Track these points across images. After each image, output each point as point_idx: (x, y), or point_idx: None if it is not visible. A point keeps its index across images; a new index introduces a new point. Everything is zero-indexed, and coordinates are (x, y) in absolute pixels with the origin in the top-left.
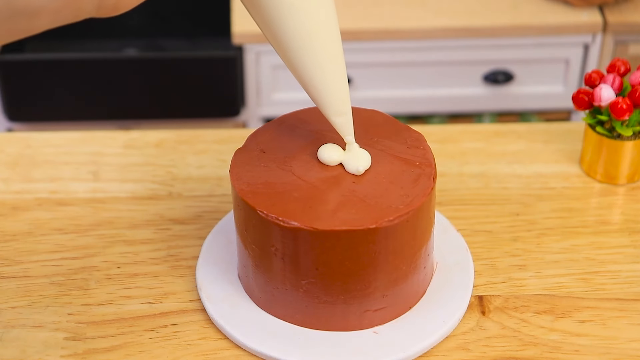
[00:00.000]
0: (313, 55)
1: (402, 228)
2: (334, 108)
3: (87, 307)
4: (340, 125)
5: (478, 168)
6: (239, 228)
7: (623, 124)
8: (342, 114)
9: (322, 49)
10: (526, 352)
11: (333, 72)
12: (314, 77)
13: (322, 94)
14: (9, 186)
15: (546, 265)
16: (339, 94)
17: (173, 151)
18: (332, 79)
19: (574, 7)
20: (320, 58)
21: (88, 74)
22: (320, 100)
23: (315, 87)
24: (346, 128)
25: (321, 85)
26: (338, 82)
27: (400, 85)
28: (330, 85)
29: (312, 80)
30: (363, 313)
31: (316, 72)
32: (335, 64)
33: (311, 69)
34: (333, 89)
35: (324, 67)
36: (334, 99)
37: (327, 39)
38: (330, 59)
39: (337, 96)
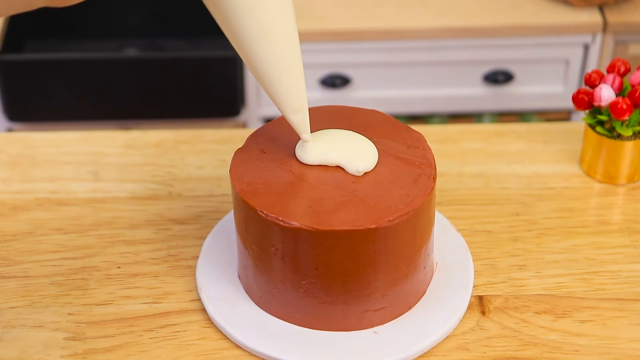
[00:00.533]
0: (270, 54)
1: (402, 228)
2: (291, 105)
3: (87, 307)
4: (297, 123)
5: (478, 168)
6: (239, 228)
7: (623, 124)
8: (298, 112)
9: (278, 49)
10: (526, 352)
11: (289, 70)
12: (271, 76)
13: (279, 92)
14: (9, 186)
15: (546, 265)
16: (295, 90)
17: (173, 151)
18: (288, 75)
19: (574, 7)
20: (277, 57)
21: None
22: (277, 98)
23: (273, 86)
24: (302, 126)
25: (277, 81)
26: (294, 78)
27: (400, 85)
28: (286, 82)
29: (269, 79)
30: (363, 313)
31: (273, 71)
32: (291, 63)
33: (268, 68)
34: (289, 85)
35: (280, 66)
36: (290, 97)
37: (282, 33)
38: (287, 55)
39: (293, 93)
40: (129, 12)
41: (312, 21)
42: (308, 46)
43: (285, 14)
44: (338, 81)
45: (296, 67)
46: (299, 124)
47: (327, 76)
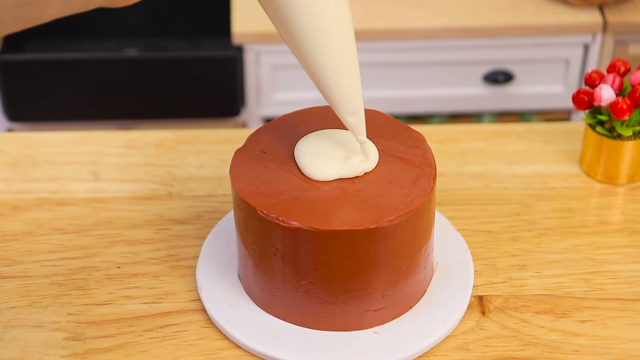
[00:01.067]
0: (327, 54)
1: (402, 228)
2: (347, 107)
3: (87, 307)
4: (353, 125)
5: (478, 168)
6: (239, 228)
7: (623, 124)
8: (354, 113)
9: (335, 49)
10: (526, 352)
11: (346, 71)
12: (327, 76)
13: (335, 93)
14: (9, 186)
15: (546, 265)
16: (352, 93)
17: (173, 151)
18: (345, 78)
19: (574, 7)
20: (334, 57)
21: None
22: (333, 99)
23: (329, 87)
24: (358, 127)
25: (334, 84)
26: (351, 81)
27: (400, 85)
28: (343, 85)
29: (325, 80)
30: (363, 313)
31: (329, 71)
32: (348, 64)
33: (324, 68)
34: (346, 88)
35: (337, 66)
36: (346, 98)
37: (340, 38)
38: (344, 59)
39: (349, 95)
40: (129, 12)
41: None
42: None
43: (344, 19)
44: None
45: (353, 70)
46: (355, 125)
47: None
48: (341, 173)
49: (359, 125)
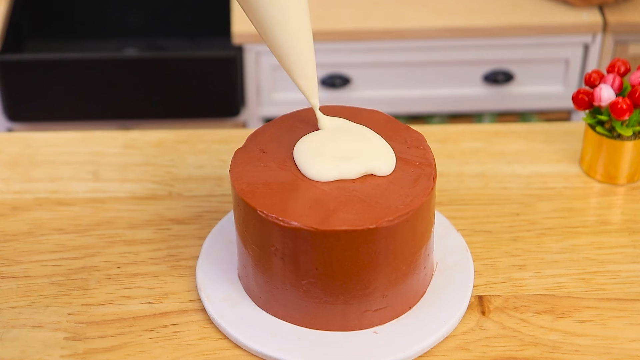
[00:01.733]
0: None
1: (402, 228)
2: (299, 71)
3: (87, 307)
4: (305, 88)
5: (478, 168)
6: (239, 228)
7: (623, 124)
8: (305, 77)
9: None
10: (526, 352)
11: (298, 37)
12: (282, 42)
13: (290, 59)
14: (9, 186)
15: (546, 265)
16: (304, 58)
17: (173, 151)
18: (298, 44)
19: (574, 7)
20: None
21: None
22: (288, 65)
23: (286, 54)
24: (310, 90)
25: (290, 51)
26: (303, 47)
27: (400, 85)
28: (297, 52)
29: (282, 48)
30: (363, 313)
31: (284, 37)
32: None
33: (279, 34)
34: (300, 54)
35: (291, 33)
36: (300, 63)
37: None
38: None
39: (303, 60)
40: (129, 12)
41: (312, 21)
42: None
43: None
44: (338, 81)
45: (306, 36)
46: (306, 88)
47: (327, 76)
48: (342, 174)
49: (312, 88)
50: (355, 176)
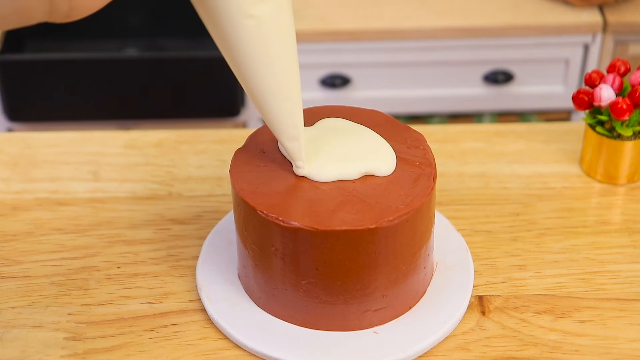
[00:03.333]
0: (267, 81)
1: (402, 228)
2: (286, 133)
3: (87, 307)
4: (292, 150)
5: (478, 168)
6: (239, 228)
7: (623, 124)
8: (293, 139)
9: (276, 76)
10: (526, 352)
11: (287, 98)
12: (268, 102)
13: (275, 118)
14: (9, 186)
15: (546, 265)
16: (292, 119)
17: (173, 151)
18: (285, 105)
19: (574, 7)
20: (275, 85)
21: (88, 74)
22: (273, 125)
23: (269, 112)
24: (297, 153)
25: (275, 110)
26: (291, 108)
27: (400, 85)
28: (283, 112)
29: (266, 105)
30: (363, 313)
31: (270, 98)
32: (288, 91)
33: (266, 95)
34: (286, 115)
35: (278, 94)
36: (286, 124)
37: (282, 66)
38: (285, 86)
39: (289, 122)
40: (129, 12)
41: (312, 21)
42: (308, 46)
43: (286, 42)
44: (338, 81)
45: (294, 96)
46: (293, 151)
47: (327, 76)
48: (343, 174)
49: (298, 151)
50: (356, 176)
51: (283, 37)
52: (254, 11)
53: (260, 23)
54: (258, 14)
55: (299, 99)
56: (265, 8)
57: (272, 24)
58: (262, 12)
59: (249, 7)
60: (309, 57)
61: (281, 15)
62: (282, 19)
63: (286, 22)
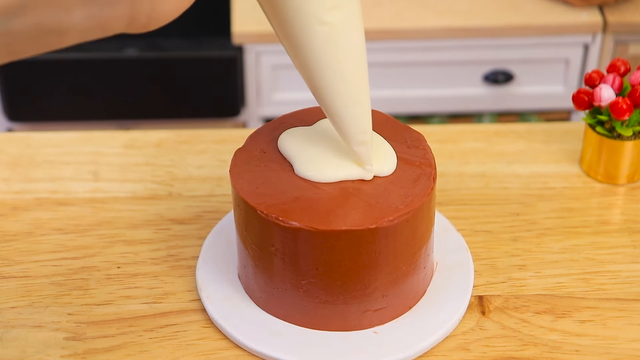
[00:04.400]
0: (338, 87)
1: (402, 228)
2: (356, 138)
3: (87, 307)
4: (361, 155)
5: (478, 168)
6: (239, 228)
7: (623, 124)
8: (362, 144)
9: (347, 82)
10: (526, 352)
11: (356, 104)
12: (338, 108)
13: (345, 124)
14: (9, 186)
15: (546, 265)
16: (361, 124)
17: (173, 151)
18: (355, 111)
19: (574, 7)
20: (345, 91)
21: (88, 74)
22: (342, 130)
23: (339, 117)
24: (366, 157)
25: (345, 115)
26: (361, 113)
27: (400, 85)
28: (353, 117)
29: (336, 111)
30: (363, 313)
31: (340, 103)
32: (359, 96)
33: (336, 101)
34: (356, 120)
35: (349, 99)
36: (355, 129)
37: (353, 72)
38: (355, 92)
39: (359, 127)
40: None
41: None
42: None
43: (357, 48)
44: None
45: (364, 101)
46: (363, 155)
47: None
48: (346, 176)
49: (367, 155)
50: (358, 177)
51: (354, 43)
52: (328, 18)
53: (333, 29)
54: (331, 20)
55: (368, 104)
56: (338, 15)
57: (345, 30)
58: (335, 19)
59: (322, 14)
60: None
61: (353, 21)
62: (353, 25)
63: (357, 28)
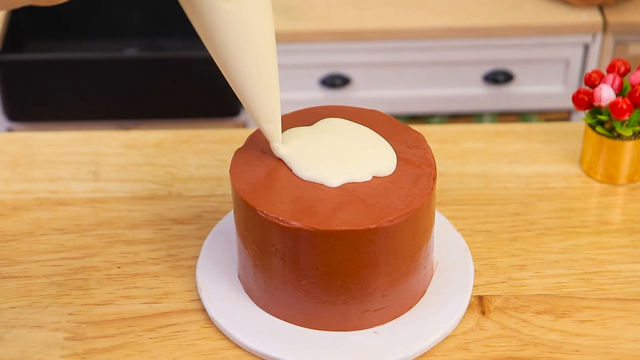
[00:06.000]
0: (245, 66)
1: (402, 228)
2: (264, 116)
3: (87, 307)
4: (269, 132)
5: (478, 168)
6: (239, 228)
7: (623, 124)
8: (270, 122)
9: (254, 60)
10: (526, 352)
11: (264, 82)
12: (246, 87)
13: (253, 101)
14: (9, 186)
15: (546, 265)
16: (269, 103)
17: (173, 151)
18: (263, 89)
19: (574, 7)
20: (253, 69)
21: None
22: (251, 108)
23: (247, 95)
24: (274, 134)
25: (253, 93)
26: (268, 91)
27: (400, 85)
28: (260, 95)
29: (244, 89)
30: (363, 313)
31: (248, 82)
32: (266, 75)
33: (243, 79)
34: (263, 98)
35: (256, 78)
36: (263, 107)
37: (260, 50)
38: (262, 70)
39: (266, 105)
40: (129, 12)
41: (312, 21)
42: (308, 46)
43: (264, 26)
44: (338, 81)
45: (271, 80)
46: (271, 133)
47: (327, 76)
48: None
49: (275, 133)
50: (362, 180)
51: (261, 22)
52: None
53: (239, 6)
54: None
55: (277, 83)
56: None
57: (251, 7)
58: None
59: None
60: (309, 57)
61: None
62: (260, 3)
63: (264, 7)
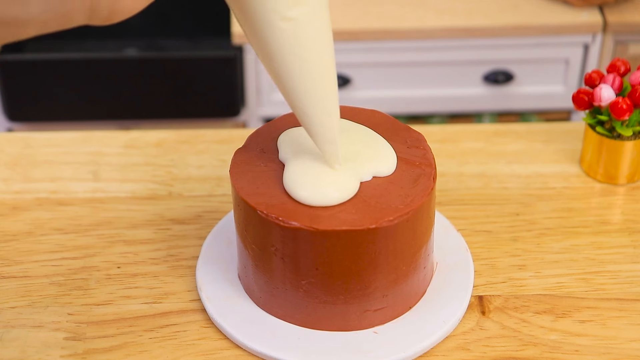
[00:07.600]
0: (305, 86)
1: (402, 228)
2: (324, 137)
3: (87, 307)
4: (329, 154)
5: (478, 168)
6: (239, 228)
7: (623, 124)
8: (331, 143)
9: (313, 80)
10: (526, 352)
11: (324, 102)
12: (307, 108)
13: (312, 121)
14: (9, 186)
15: (546, 265)
16: (329, 123)
17: (173, 151)
18: (323, 109)
19: (574, 7)
20: (311, 90)
21: (88, 74)
22: (310, 128)
23: (307, 116)
24: (334, 157)
25: (312, 112)
26: (328, 111)
27: (400, 85)
28: (320, 115)
29: (304, 110)
30: (363, 313)
31: (309, 103)
32: (326, 95)
33: (304, 100)
34: (323, 118)
35: (315, 99)
36: (322, 127)
37: (319, 68)
38: (321, 90)
39: (326, 124)
40: None
41: None
42: None
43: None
44: (338, 81)
45: (331, 97)
46: (330, 155)
47: None
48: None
49: (336, 155)
50: (362, 180)
51: (319, 39)
52: (290, 14)
53: (297, 25)
54: (294, 16)
55: (337, 102)
56: (301, 10)
57: (309, 26)
58: (299, 14)
59: (285, 10)
60: None
61: (317, 17)
62: (318, 21)
63: (323, 24)
